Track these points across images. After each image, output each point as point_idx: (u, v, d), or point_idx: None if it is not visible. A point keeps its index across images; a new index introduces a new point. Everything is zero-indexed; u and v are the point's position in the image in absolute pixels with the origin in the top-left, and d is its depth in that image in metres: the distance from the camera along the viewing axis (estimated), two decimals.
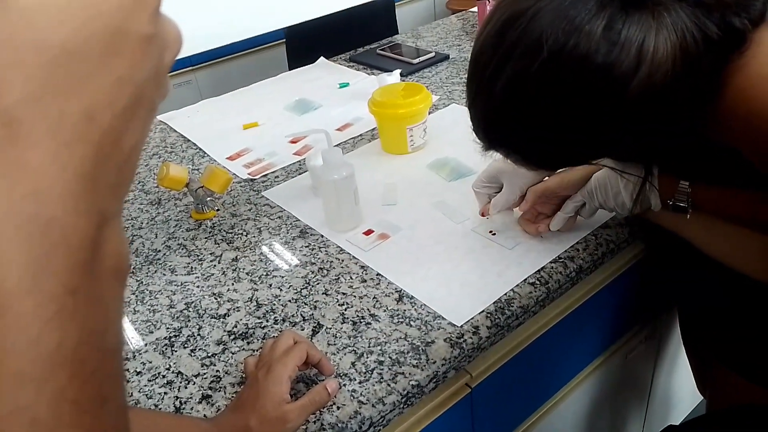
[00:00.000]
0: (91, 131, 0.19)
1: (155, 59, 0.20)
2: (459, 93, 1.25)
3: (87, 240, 0.19)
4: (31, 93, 0.18)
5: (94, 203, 0.19)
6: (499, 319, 0.68)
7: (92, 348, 0.20)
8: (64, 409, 0.19)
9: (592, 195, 0.73)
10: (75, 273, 0.19)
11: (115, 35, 0.19)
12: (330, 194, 0.83)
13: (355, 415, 0.59)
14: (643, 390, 1.16)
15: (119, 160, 0.20)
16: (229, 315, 0.73)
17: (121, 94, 0.19)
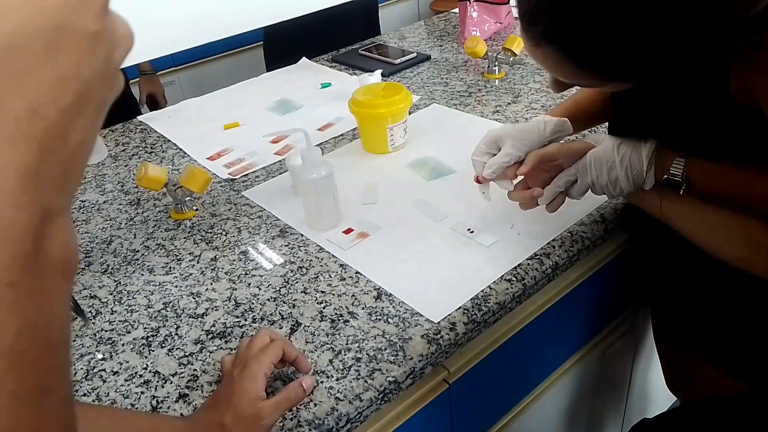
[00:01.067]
0: (35, 127, 0.19)
1: (103, 56, 0.20)
2: (440, 93, 1.25)
3: (27, 235, 0.19)
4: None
5: (36, 198, 0.19)
6: (475, 315, 0.68)
7: (33, 340, 0.20)
8: (2, 400, 0.19)
9: (585, 170, 0.71)
10: (14, 267, 0.19)
11: (59, 31, 0.19)
12: (309, 193, 0.83)
13: (332, 411, 0.59)
14: (622, 386, 1.18)
15: (65, 156, 0.20)
16: (207, 314, 0.73)
17: (66, 90, 0.19)
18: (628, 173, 0.69)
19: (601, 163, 0.70)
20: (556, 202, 0.75)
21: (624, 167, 0.69)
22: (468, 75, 1.33)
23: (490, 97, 1.21)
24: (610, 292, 0.97)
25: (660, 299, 0.96)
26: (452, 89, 1.27)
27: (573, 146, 0.74)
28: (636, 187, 0.70)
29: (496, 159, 0.76)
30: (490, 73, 1.29)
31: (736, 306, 0.75)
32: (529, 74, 1.29)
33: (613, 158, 0.69)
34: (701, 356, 0.84)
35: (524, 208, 0.78)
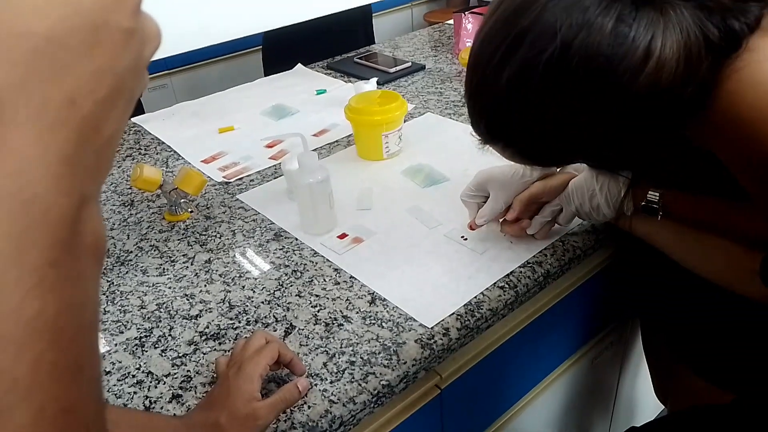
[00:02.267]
0: (73, 116, 0.20)
1: (135, 52, 0.22)
2: (434, 102, 1.27)
3: (67, 218, 0.20)
4: (15, 78, 0.19)
5: (74, 184, 0.20)
6: (468, 321, 0.69)
7: (71, 319, 0.21)
8: (43, 371, 0.20)
9: (569, 198, 0.75)
10: (55, 248, 0.20)
11: (96, 27, 0.20)
12: (305, 198, 0.84)
13: (326, 414, 0.59)
14: (609, 394, 1.19)
15: (99, 145, 0.21)
16: (201, 316, 0.73)
17: (102, 83, 0.21)
18: (608, 200, 0.72)
19: (582, 191, 0.73)
20: (544, 231, 0.79)
21: (604, 194, 0.72)
22: (462, 85, 1.34)
23: None
24: (599, 302, 0.98)
25: (646, 310, 0.97)
26: (446, 99, 1.28)
27: (554, 182, 0.77)
28: (617, 213, 0.72)
29: (486, 209, 0.79)
30: None
31: (722, 318, 0.76)
32: None
33: (593, 186, 0.72)
34: (688, 367, 0.85)
35: (515, 239, 0.81)
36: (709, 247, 0.67)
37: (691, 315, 0.82)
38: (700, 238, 0.68)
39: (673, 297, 0.85)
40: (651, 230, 0.72)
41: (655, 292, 0.89)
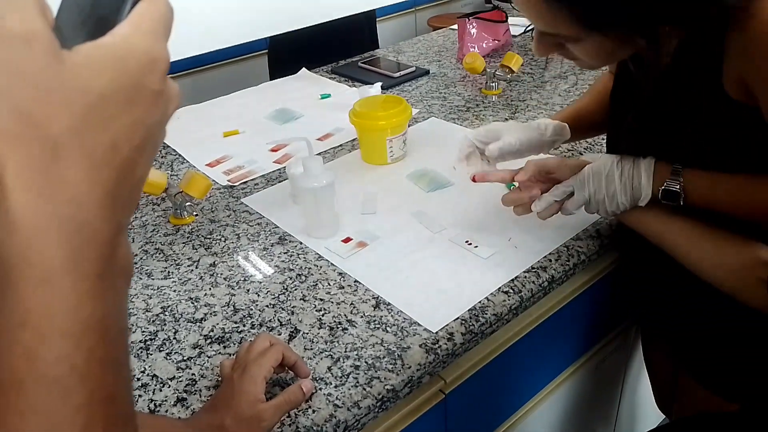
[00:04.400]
0: (115, 159, 0.24)
1: (162, 110, 0.26)
2: (438, 107, 1.27)
3: (108, 241, 0.24)
4: (73, 125, 0.23)
5: (114, 214, 0.25)
6: (473, 326, 0.69)
7: (113, 322, 0.25)
8: (94, 362, 0.24)
9: (583, 183, 0.72)
10: (100, 263, 0.24)
11: (135, 88, 0.25)
12: (310, 202, 0.84)
13: (331, 418, 0.59)
14: (613, 401, 1.19)
15: (132, 184, 0.26)
16: (206, 319, 0.73)
17: (137, 133, 0.25)
18: (627, 187, 0.69)
19: (600, 176, 0.71)
20: (548, 211, 0.75)
21: (623, 182, 0.69)
22: (466, 90, 1.35)
23: (488, 112, 1.23)
24: (604, 307, 0.98)
25: (648, 319, 0.97)
26: (450, 104, 1.28)
27: (571, 162, 0.75)
28: (633, 203, 0.70)
29: (499, 143, 0.78)
30: (488, 89, 1.31)
31: (728, 326, 0.76)
32: (527, 91, 1.31)
33: (612, 172, 0.70)
34: (690, 376, 0.84)
35: (518, 213, 0.78)
36: (723, 252, 0.65)
37: (695, 322, 0.81)
38: (715, 240, 0.66)
39: (677, 303, 0.84)
40: (663, 228, 0.70)
41: (659, 298, 0.88)
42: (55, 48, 0.23)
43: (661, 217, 0.70)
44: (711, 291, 0.67)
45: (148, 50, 0.25)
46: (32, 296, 0.23)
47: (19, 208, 0.22)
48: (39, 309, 0.23)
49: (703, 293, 0.69)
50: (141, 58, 0.25)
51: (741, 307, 0.64)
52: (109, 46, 0.24)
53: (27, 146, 0.22)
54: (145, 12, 0.26)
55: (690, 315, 0.81)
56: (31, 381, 0.23)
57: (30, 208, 0.22)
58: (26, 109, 0.22)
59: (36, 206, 0.22)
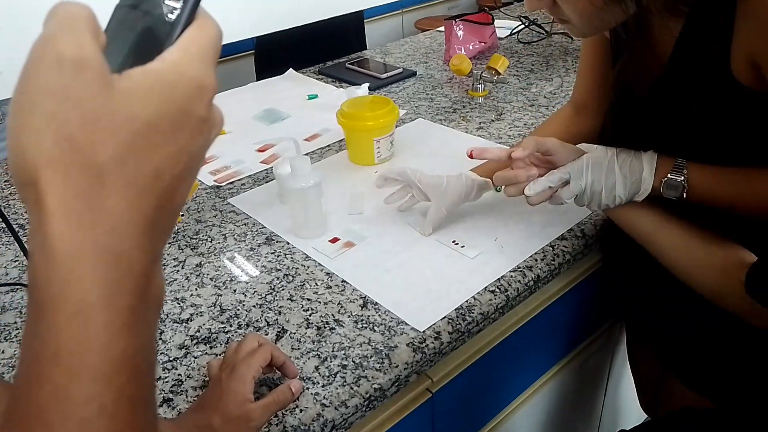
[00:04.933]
0: (156, 187, 0.24)
1: (206, 137, 0.26)
2: (425, 108, 1.28)
3: (145, 272, 0.24)
4: (119, 153, 0.23)
5: (151, 244, 0.24)
6: (460, 324, 0.70)
7: (144, 358, 0.24)
8: (123, 402, 0.23)
9: (581, 172, 0.69)
10: (135, 296, 0.24)
11: (182, 115, 0.24)
12: (297, 202, 0.84)
13: (318, 417, 0.59)
14: (598, 398, 1.20)
15: (170, 212, 0.25)
16: (192, 320, 0.73)
17: (179, 161, 0.25)
18: (627, 179, 0.67)
19: (600, 166, 0.68)
20: (540, 197, 0.72)
21: (623, 173, 0.67)
22: (453, 92, 1.36)
23: (474, 113, 1.24)
24: (589, 306, 0.99)
25: (633, 318, 0.98)
26: (437, 105, 1.29)
27: (568, 146, 0.72)
28: (630, 197, 0.68)
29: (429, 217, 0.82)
30: (474, 91, 1.32)
31: (708, 328, 0.76)
32: (512, 93, 1.32)
33: (612, 163, 0.68)
34: (678, 378, 0.85)
35: (509, 194, 0.75)
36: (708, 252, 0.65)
37: (679, 323, 0.82)
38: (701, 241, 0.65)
39: (660, 304, 0.85)
40: (652, 226, 0.69)
41: (643, 298, 0.90)
42: (105, 74, 0.23)
43: (654, 216, 0.69)
44: (694, 293, 0.67)
45: (196, 77, 0.25)
46: (65, 330, 0.22)
47: (59, 236, 0.22)
48: (71, 345, 0.22)
49: (686, 295, 0.69)
50: (189, 85, 0.24)
51: (724, 310, 0.65)
52: (158, 72, 0.24)
53: (71, 173, 0.22)
54: (195, 37, 0.25)
55: (674, 317, 0.82)
56: (59, 422, 0.22)
57: (70, 237, 0.22)
58: (73, 136, 0.22)
59: (76, 235, 0.22)
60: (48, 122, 0.22)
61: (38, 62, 0.22)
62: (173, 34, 0.25)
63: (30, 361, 0.23)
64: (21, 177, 0.22)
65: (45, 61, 0.22)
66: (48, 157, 0.22)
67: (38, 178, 0.22)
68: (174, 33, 0.25)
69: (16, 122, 0.22)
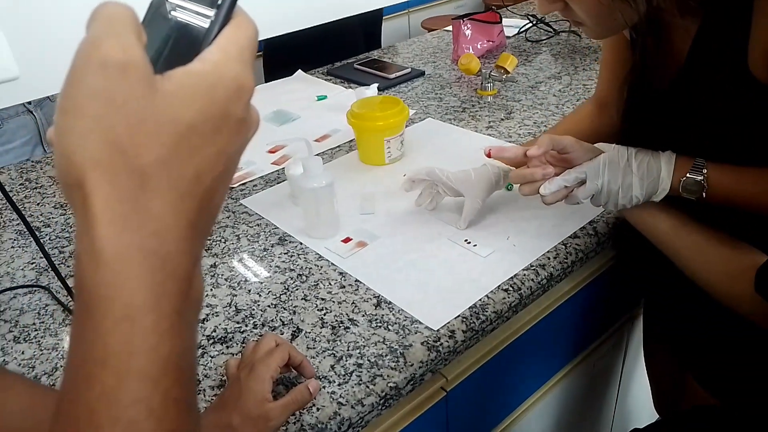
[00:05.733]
0: (198, 189, 0.24)
1: (244, 137, 0.26)
2: (434, 107, 1.28)
3: (188, 275, 0.24)
4: (162, 156, 0.23)
5: (193, 246, 0.24)
6: (474, 323, 0.70)
7: (188, 360, 0.25)
8: (170, 405, 0.24)
9: (597, 172, 0.68)
10: (179, 299, 0.24)
11: (222, 117, 0.24)
12: (310, 202, 0.84)
13: (335, 416, 0.60)
14: (611, 397, 1.20)
15: (210, 215, 0.26)
16: (208, 320, 0.74)
17: (219, 162, 0.25)
18: (644, 180, 0.66)
19: (616, 166, 0.67)
20: (555, 196, 0.71)
21: (641, 173, 0.66)
22: (461, 91, 1.36)
23: (484, 112, 1.24)
24: (602, 305, 0.99)
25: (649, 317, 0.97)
26: (446, 104, 1.29)
27: (585, 144, 0.71)
28: (647, 197, 0.67)
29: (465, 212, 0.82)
30: (483, 90, 1.32)
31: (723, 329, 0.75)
32: (521, 92, 1.32)
33: (629, 162, 0.67)
34: (690, 375, 0.84)
35: (523, 192, 0.74)
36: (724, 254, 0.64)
37: (695, 325, 0.81)
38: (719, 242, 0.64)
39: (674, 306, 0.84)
40: (668, 227, 0.68)
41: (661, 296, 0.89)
42: (149, 76, 0.23)
43: (670, 218, 0.68)
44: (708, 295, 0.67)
45: (236, 77, 0.24)
46: (113, 333, 0.22)
47: (105, 239, 0.22)
48: (119, 348, 0.22)
49: (701, 296, 0.68)
50: (229, 86, 0.24)
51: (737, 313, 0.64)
52: (200, 74, 0.24)
53: (116, 176, 0.22)
54: (234, 36, 0.25)
55: (689, 319, 0.81)
56: (108, 424, 0.22)
57: (115, 240, 0.22)
58: (119, 139, 0.22)
59: (122, 238, 0.22)
60: (94, 126, 0.22)
61: (84, 66, 0.22)
62: (212, 32, 0.25)
63: (78, 363, 0.23)
64: (67, 179, 0.23)
65: (90, 64, 0.22)
66: (94, 160, 0.22)
67: (84, 181, 0.22)
68: (212, 31, 0.25)
69: (62, 126, 0.23)
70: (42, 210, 1.01)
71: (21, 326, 0.74)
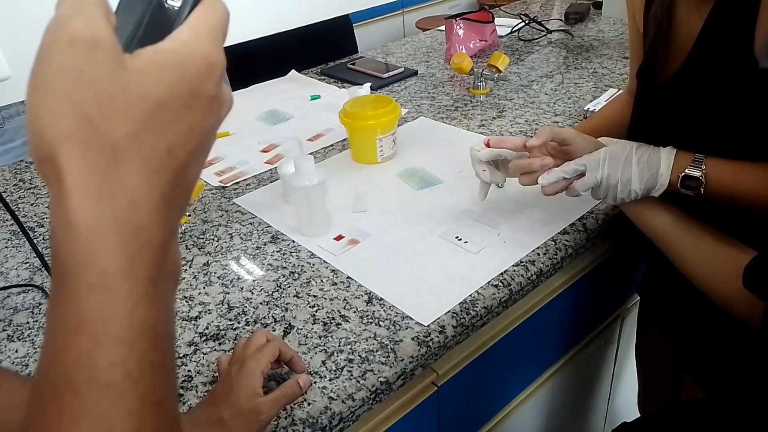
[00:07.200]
0: (171, 163, 0.25)
1: (216, 114, 0.27)
2: (427, 106, 1.29)
3: (163, 246, 0.25)
4: (133, 131, 0.23)
5: (168, 218, 0.25)
6: (464, 318, 0.71)
7: (164, 327, 0.25)
8: (146, 367, 0.24)
9: (597, 165, 0.69)
10: (154, 268, 0.25)
11: (193, 94, 0.25)
12: (302, 200, 0.85)
13: (326, 410, 0.61)
14: (604, 392, 1.21)
15: (184, 188, 0.26)
16: (201, 317, 0.74)
17: (192, 138, 0.25)
18: (643, 174, 0.66)
19: (617, 160, 0.68)
20: (554, 187, 0.72)
21: (640, 167, 0.67)
22: (454, 90, 1.37)
23: (476, 111, 1.25)
24: (591, 300, 1.00)
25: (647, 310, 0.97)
26: (439, 103, 1.30)
27: (587, 137, 0.72)
28: (646, 192, 0.68)
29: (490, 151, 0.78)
30: (475, 89, 1.33)
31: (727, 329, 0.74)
32: (513, 90, 1.33)
33: (630, 156, 0.67)
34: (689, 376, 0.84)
35: (523, 183, 0.75)
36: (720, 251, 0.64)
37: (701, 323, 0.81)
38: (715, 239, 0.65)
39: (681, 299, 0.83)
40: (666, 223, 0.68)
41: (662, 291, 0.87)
42: (117, 53, 0.23)
43: (669, 215, 0.68)
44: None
45: (206, 55, 0.25)
46: (88, 300, 0.23)
47: (79, 211, 0.23)
48: (94, 313, 0.23)
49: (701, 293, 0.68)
50: (199, 64, 0.25)
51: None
52: (169, 52, 0.24)
53: (88, 150, 0.23)
54: (204, 16, 0.26)
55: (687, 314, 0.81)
56: (85, 386, 0.23)
57: (89, 211, 0.23)
58: (89, 114, 0.22)
59: (95, 209, 0.23)
60: (64, 101, 0.22)
61: (52, 44, 0.23)
62: (182, 13, 0.26)
63: (55, 329, 0.24)
64: (40, 154, 0.23)
65: (59, 42, 0.23)
66: (65, 134, 0.22)
67: (57, 155, 0.23)
68: (183, 12, 0.26)
69: (33, 102, 0.23)
70: (36, 210, 1.02)
71: (15, 325, 0.75)
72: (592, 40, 1.61)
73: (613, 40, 1.60)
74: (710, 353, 0.81)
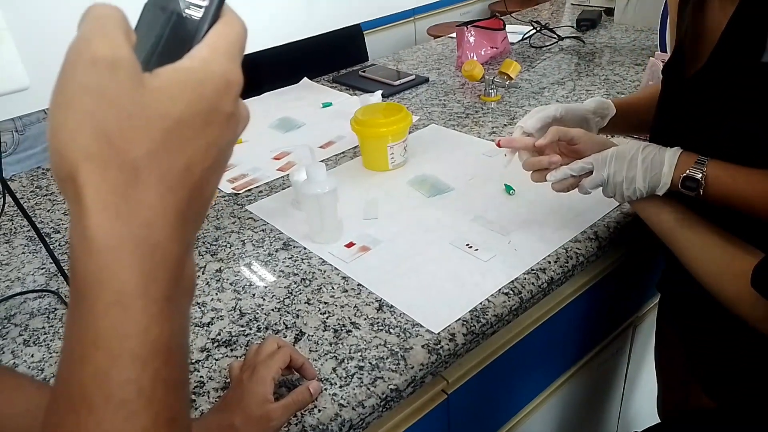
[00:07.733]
0: (188, 180, 0.25)
1: (233, 131, 0.27)
2: (438, 114, 1.29)
3: (178, 262, 0.25)
4: (151, 149, 0.24)
5: (184, 234, 0.26)
6: (474, 326, 0.71)
7: (177, 343, 0.26)
8: (159, 384, 0.25)
9: (604, 163, 0.71)
10: (170, 285, 0.25)
11: (211, 111, 0.25)
12: (313, 208, 0.86)
13: (336, 417, 0.61)
14: (615, 402, 1.20)
15: (201, 205, 0.27)
16: (213, 323, 0.75)
17: (209, 155, 0.26)
18: (647, 173, 0.68)
19: (623, 159, 0.70)
20: (563, 184, 0.75)
21: (645, 167, 0.68)
22: (465, 97, 1.37)
23: (487, 118, 1.25)
24: (602, 309, 1.00)
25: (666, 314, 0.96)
26: (450, 110, 1.31)
27: (596, 137, 0.75)
28: (650, 191, 0.69)
29: (537, 110, 0.80)
30: (486, 96, 1.34)
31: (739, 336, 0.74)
32: (525, 98, 1.33)
33: (636, 156, 0.69)
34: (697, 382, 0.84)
35: (534, 179, 0.78)
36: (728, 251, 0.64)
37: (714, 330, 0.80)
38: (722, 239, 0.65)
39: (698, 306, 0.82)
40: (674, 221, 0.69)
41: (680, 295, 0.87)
42: (137, 72, 0.24)
43: (677, 213, 0.69)
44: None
45: (224, 73, 0.25)
46: (105, 317, 0.24)
47: (97, 229, 0.23)
48: (111, 330, 0.24)
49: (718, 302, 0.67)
50: (218, 82, 0.25)
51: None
52: (188, 71, 0.25)
53: (108, 169, 0.23)
54: (222, 33, 0.26)
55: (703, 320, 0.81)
56: (101, 402, 0.23)
57: (107, 230, 0.23)
58: (109, 133, 0.23)
59: (113, 228, 0.23)
60: (85, 120, 0.23)
61: (74, 63, 0.23)
62: (200, 31, 0.26)
63: (72, 344, 0.24)
64: (60, 172, 0.24)
65: (81, 61, 0.23)
66: (86, 153, 0.23)
67: (77, 174, 0.23)
68: (201, 30, 0.26)
69: (55, 120, 0.24)
70: (52, 216, 1.04)
71: (31, 330, 0.76)
72: (604, 47, 1.61)
73: (625, 47, 1.60)
74: (717, 355, 0.80)
